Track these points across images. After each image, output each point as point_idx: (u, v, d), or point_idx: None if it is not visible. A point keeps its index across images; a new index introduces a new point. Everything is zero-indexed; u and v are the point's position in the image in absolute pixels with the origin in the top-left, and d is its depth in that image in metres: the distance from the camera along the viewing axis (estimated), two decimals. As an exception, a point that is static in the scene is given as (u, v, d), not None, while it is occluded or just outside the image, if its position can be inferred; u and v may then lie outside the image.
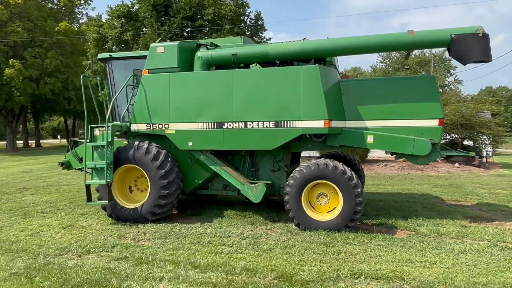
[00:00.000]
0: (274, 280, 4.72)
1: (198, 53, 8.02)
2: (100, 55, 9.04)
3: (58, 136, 72.31)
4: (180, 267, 5.14)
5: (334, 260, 5.36)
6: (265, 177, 8.17)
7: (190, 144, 7.84)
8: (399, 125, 7.30)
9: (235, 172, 7.89)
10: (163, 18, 18.97)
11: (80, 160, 8.96)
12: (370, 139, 7.34)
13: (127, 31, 20.86)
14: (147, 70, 8.09)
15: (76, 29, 33.37)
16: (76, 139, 9.55)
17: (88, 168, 7.62)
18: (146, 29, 20.97)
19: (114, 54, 8.93)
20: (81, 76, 8.26)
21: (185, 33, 18.91)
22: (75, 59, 32.29)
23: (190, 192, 8.48)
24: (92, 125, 7.83)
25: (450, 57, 7.44)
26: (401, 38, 7.08)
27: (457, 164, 17.33)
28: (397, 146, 7.24)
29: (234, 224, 7.49)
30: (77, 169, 9.26)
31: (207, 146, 7.79)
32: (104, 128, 7.72)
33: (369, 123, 7.43)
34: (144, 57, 8.74)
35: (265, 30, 21.64)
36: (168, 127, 7.91)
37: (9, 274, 4.94)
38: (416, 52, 43.06)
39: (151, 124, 8.01)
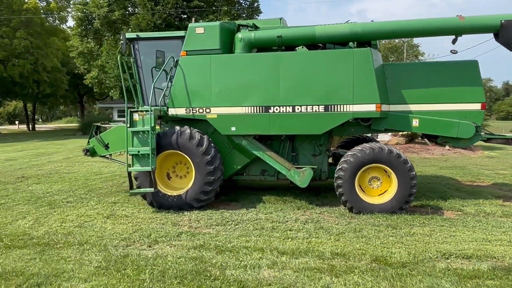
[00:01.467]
0: (372, 263, 4.74)
1: (239, 35, 7.75)
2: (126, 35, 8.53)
3: (16, 122, 68.39)
4: (267, 254, 5.04)
5: (414, 242, 5.45)
6: (305, 161, 8.14)
7: (233, 129, 7.63)
8: (442, 109, 7.47)
9: (280, 157, 7.79)
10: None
11: (106, 146, 8.52)
12: (415, 122, 7.46)
13: (114, 11, 19.71)
14: (185, 52, 7.73)
15: (45, 6, 31.26)
16: (98, 124, 9.04)
17: (129, 154, 7.26)
18: (137, 9, 19.99)
19: (141, 34, 8.47)
20: (118, 58, 7.79)
21: (182, 15, 18.22)
22: (45, 40, 30.35)
23: (227, 178, 8.30)
24: (131, 109, 7.43)
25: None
26: (451, 22, 7.18)
27: (447, 147, 18.08)
28: (443, 130, 7.41)
29: (281, 209, 7.43)
30: (102, 156, 8.81)
31: (252, 131, 7.62)
32: (144, 112, 7.35)
33: (412, 107, 7.54)
34: (174, 38, 8.39)
35: (260, 12, 21.30)
36: (210, 112, 7.65)
37: (95, 268, 4.64)
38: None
39: (191, 109, 7.71)
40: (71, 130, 42.87)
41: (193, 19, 8.85)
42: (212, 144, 7.57)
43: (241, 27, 7.88)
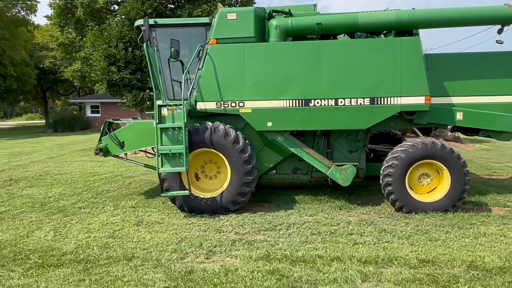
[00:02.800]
0: (469, 270, 4.33)
1: (274, 22, 7.12)
2: (139, 22, 7.70)
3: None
4: (349, 264, 4.51)
5: (493, 243, 5.10)
6: (341, 158, 7.65)
7: (269, 124, 7.02)
8: (485, 102, 7.19)
9: (318, 154, 7.26)
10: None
11: (121, 144, 7.69)
12: (459, 116, 7.14)
13: None
14: (215, 40, 7.02)
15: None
16: (110, 120, 8.15)
17: (158, 154, 6.50)
18: None
19: (160, 21, 7.64)
20: (144, 45, 6.97)
21: (171, 4, 17.20)
22: (12, 30, 28.18)
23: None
24: (160, 103, 6.66)
25: None
26: (500, 11, 6.88)
27: (441, 140, 18.21)
28: (487, 123, 7.14)
29: (323, 210, 6.93)
30: (116, 155, 7.96)
31: (290, 126, 7.04)
32: (175, 107, 6.61)
33: (454, 100, 7.22)
34: (197, 25, 7.66)
35: (254, 3, 20.52)
36: (243, 106, 7.00)
37: (163, 290, 3.95)
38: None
39: (222, 102, 7.02)
40: (38, 127, 40.49)
41: (218, 4, 8.11)
42: (247, 141, 6.94)
43: (274, 13, 7.25)
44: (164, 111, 6.66)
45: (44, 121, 46.26)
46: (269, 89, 6.94)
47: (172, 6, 17.15)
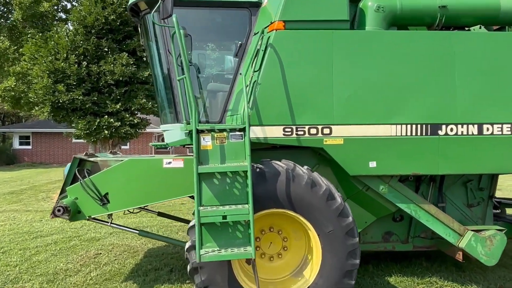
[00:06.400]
0: None
1: (370, 3, 4.46)
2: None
3: None
4: None
5: None
6: (456, 215, 4.94)
7: (372, 165, 4.20)
8: None
9: (443, 213, 4.51)
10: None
11: (103, 199, 4.38)
12: None
13: (42, 1, 14.51)
14: (282, 23, 4.18)
15: None
16: (82, 156, 4.77)
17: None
18: (75, 1, 15.11)
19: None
20: (156, 26, 3.93)
21: None
22: None
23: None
24: (200, 126, 3.57)
25: None
26: None
27: None
28: None
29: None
30: (93, 219, 4.59)
31: (405, 169, 4.27)
32: (225, 133, 3.57)
33: None
34: (236, 4, 4.78)
35: None
36: (330, 133, 4.14)
37: None
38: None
39: (295, 128, 4.11)
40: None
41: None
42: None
43: (371, -11, 4.60)
44: (207, 141, 3.56)
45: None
46: (374, 106, 4.18)
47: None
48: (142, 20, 5.03)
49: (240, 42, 4.69)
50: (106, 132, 13.52)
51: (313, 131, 4.13)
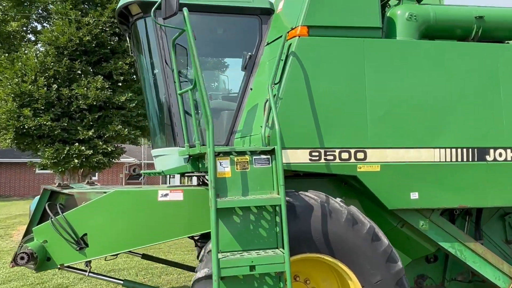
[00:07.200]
0: None
1: (402, 9, 3.93)
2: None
3: None
4: None
5: None
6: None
7: (414, 196, 3.52)
8: None
9: (491, 253, 3.85)
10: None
11: (79, 242, 3.44)
12: None
13: (10, 21, 13.26)
14: (306, 29, 3.54)
15: None
16: (54, 187, 3.81)
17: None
18: (48, 22, 14.03)
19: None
20: (156, 27, 3.19)
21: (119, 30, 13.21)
22: None
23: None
24: (219, 148, 2.78)
25: None
26: None
27: None
28: None
29: None
30: (67, 267, 3.61)
31: (453, 201, 3.62)
32: (247, 157, 2.81)
33: None
34: (247, 12, 4.15)
35: None
36: (365, 158, 3.45)
37: None
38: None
39: (323, 151, 3.40)
40: None
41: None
42: (383, 235, 3.30)
43: (402, -4, 4.07)
44: (225, 167, 2.76)
45: None
46: (413, 126, 3.56)
47: (116, 38, 13.25)
48: (133, 27, 4.29)
49: (249, 54, 4.04)
50: (76, 161, 12.33)
51: (345, 155, 3.42)
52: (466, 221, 4.27)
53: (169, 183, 31.35)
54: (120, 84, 13.41)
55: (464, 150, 3.60)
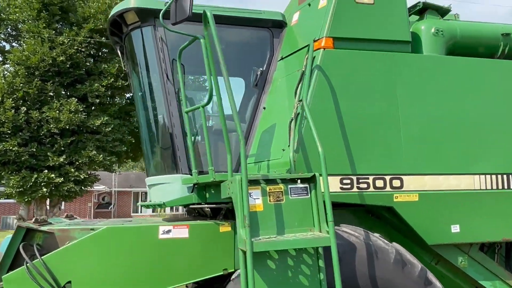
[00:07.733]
0: None
1: (427, 24, 3.64)
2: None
3: None
4: None
5: None
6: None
7: (455, 229, 3.10)
8: None
9: (535, 292, 3.45)
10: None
11: (62, 291, 2.79)
12: None
13: None
14: (331, 40, 3.15)
15: None
16: (30, 224, 3.14)
17: None
18: (16, 42, 13.10)
19: (208, 9, 3.38)
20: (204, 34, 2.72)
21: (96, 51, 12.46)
22: None
23: None
24: (252, 177, 2.26)
25: None
26: None
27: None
28: None
29: None
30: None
31: (495, 234, 3.25)
32: (282, 185, 2.31)
33: None
34: (259, 24, 3.75)
35: None
36: (401, 186, 3.02)
37: None
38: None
39: (354, 178, 2.95)
40: None
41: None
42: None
43: (427, 11, 3.77)
44: (255, 199, 2.24)
45: None
46: (451, 150, 3.18)
47: (92, 60, 12.56)
48: (127, 39, 3.78)
49: (260, 69, 3.61)
50: (44, 189, 11.28)
51: (380, 183, 2.99)
52: (496, 254, 3.90)
53: (141, 212, 29.91)
54: (94, 107, 12.68)
55: (505, 176, 3.25)
